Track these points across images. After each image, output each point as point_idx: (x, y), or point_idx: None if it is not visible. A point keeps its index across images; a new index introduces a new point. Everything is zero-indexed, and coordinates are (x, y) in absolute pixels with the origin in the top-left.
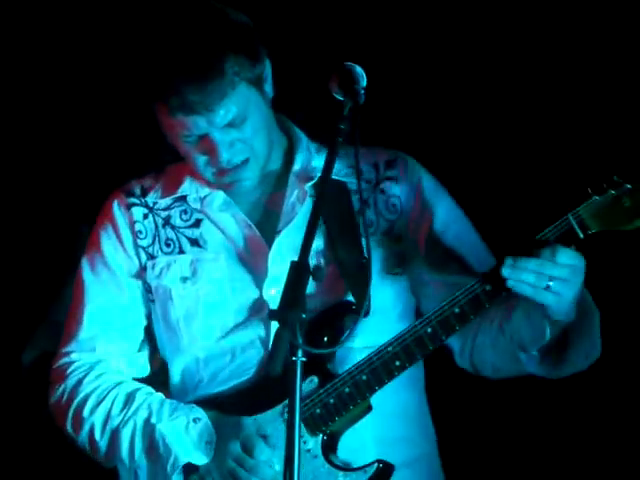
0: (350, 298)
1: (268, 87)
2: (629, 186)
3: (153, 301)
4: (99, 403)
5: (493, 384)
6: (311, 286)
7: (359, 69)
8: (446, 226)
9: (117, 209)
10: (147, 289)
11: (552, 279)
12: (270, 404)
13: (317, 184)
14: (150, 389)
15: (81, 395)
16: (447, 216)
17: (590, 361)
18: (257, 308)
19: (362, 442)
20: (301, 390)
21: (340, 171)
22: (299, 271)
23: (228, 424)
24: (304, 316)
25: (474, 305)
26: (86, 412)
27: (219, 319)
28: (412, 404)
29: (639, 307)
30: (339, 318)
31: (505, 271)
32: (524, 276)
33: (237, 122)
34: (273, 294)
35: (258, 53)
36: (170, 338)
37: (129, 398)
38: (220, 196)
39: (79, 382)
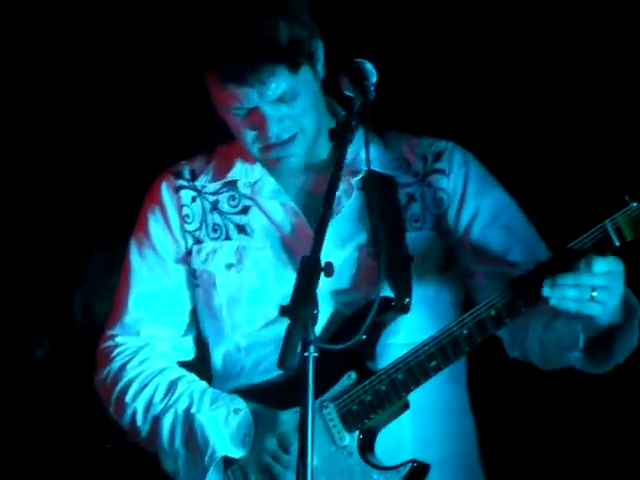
0: (390, 294)
1: (320, 66)
2: None
3: (197, 286)
4: (142, 389)
5: (540, 378)
6: (351, 280)
7: (369, 65)
8: (494, 217)
9: (166, 191)
10: (192, 273)
11: (594, 289)
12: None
13: (364, 177)
14: (194, 377)
15: (125, 380)
16: (495, 207)
17: (629, 354)
18: None
19: (399, 440)
20: (328, 383)
21: (388, 164)
22: (310, 267)
23: (267, 417)
24: (316, 312)
25: (510, 309)
26: (129, 398)
27: (262, 308)
28: (452, 401)
29: None
30: (377, 314)
31: (545, 291)
32: (566, 292)
33: (287, 97)
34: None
35: (312, 28)
36: (213, 324)
37: (171, 386)
38: (270, 182)
39: (123, 366)
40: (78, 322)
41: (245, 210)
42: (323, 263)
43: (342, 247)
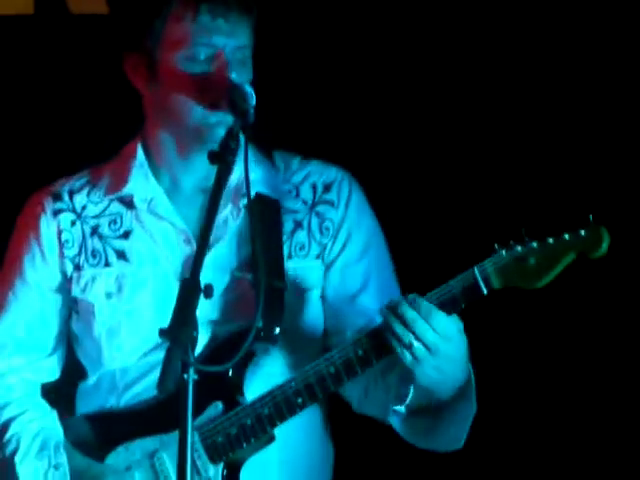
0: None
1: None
2: (535, 244)
3: (77, 312)
4: None
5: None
6: (230, 308)
7: (248, 88)
8: (359, 256)
9: (43, 216)
10: (72, 300)
11: (418, 339)
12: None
13: (251, 200)
14: (31, 416)
15: None
16: (362, 247)
17: (449, 449)
18: None
19: (265, 468)
20: (194, 411)
21: (276, 187)
22: (190, 289)
23: (86, 475)
24: (195, 334)
25: (377, 350)
26: None
27: (142, 337)
28: (316, 430)
29: None
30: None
31: (383, 310)
32: (394, 322)
33: (244, 56)
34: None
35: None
36: (91, 350)
37: (3, 428)
38: (164, 202)
39: None
40: None
41: (126, 234)
42: (203, 285)
43: (223, 273)
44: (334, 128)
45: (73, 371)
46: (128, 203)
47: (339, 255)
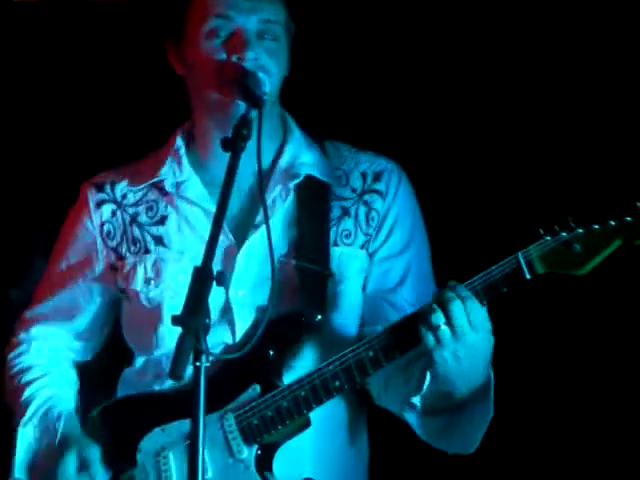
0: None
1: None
2: (581, 230)
3: (125, 300)
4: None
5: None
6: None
7: (261, 74)
8: (401, 250)
9: (86, 208)
10: (118, 289)
11: (448, 321)
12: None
13: (301, 182)
14: (47, 382)
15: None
16: (404, 241)
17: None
18: (224, 310)
19: (299, 456)
20: (231, 392)
21: (327, 172)
22: (202, 276)
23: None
24: (208, 321)
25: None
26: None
27: None
28: (352, 421)
29: None
30: (286, 329)
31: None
32: (433, 302)
33: (270, 33)
34: (241, 295)
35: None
36: (137, 335)
37: (20, 390)
38: (196, 185)
39: (7, 354)
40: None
41: (162, 220)
42: (246, 271)
43: (268, 256)
44: (374, 120)
45: (119, 358)
46: (161, 189)
47: (381, 247)
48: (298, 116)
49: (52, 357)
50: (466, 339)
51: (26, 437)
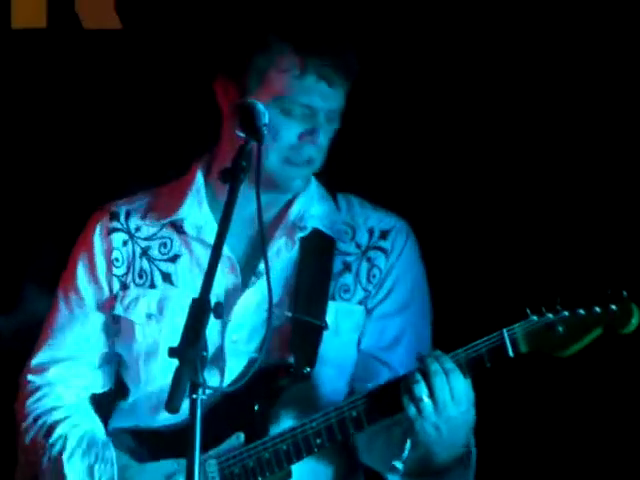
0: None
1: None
2: (566, 313)
3: (119, 332)
4: (31, 426)
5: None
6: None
7: (261, 106)
8: (400, 309)
9: (98, 235)
10: (114, 318)
11: (430, 395)
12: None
13: (307, 236)
14: (78, 419)
15: (24, 414)
16: (404, 301)
17: None
18: (216, 356)
19: None
20: (215, 439)
21: (333, 225)
22: (200, 308)
23: (131, 470)
24: (205, 354)
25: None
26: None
27: None
28: (339, 470)
29: None
30: (274, 379)
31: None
32: (416, 372)
33: (333, 119)
34: (235, 339)
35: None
36: (132, 370)
37: (50, 429)
38: (214, 229)
39: (23, 402)
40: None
41: (174, 258)
42: (244, 317)
43: (266, 305)
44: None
45: (113, 391)
46: (179, 228)
47: (380, 304)
48: None
49: (74, 398)
50: (448, 412)
51: (79, 469)
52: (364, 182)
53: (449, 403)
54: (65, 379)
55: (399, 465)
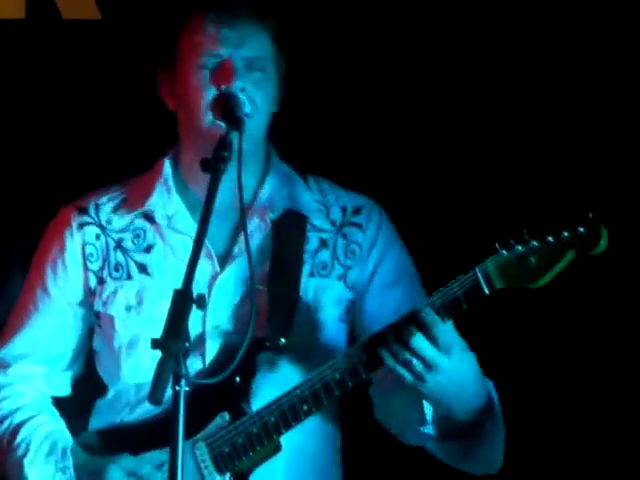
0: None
1: (282, 83)
2: (535, 243)
3: (100, 326)
4: None
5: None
6: (240, 319)
7: (242, 96)
8: (392, 281)
9: (68, 230)
10: (94, 314)
11: (415, 355)
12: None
13: (280, 216)
14: (42, 419)
15: None
16: (395, 272)
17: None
18: (197, 343)
19: (272, 478)
20: (201, 422)
21: (307, 204)
22: (182, 299)
23: (90, 468)
24: (187, 345)
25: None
26: None
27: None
28: (325, 442)
29: None
30: (252, 354)
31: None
32: (390, 339)
33: (257, 66)
34: (216, 325)
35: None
36: (111, 365)
37: (14, 431)
38: (186, 218)
39: None
40: None
41: (148, 249)
42: (223, 303)
43: (242, 285)
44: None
45: (90, 389)
46: (150, 218)
47: (371, 281)
48: (284, 149)
49: (35, 397)
50: (441, 367)
51: (40, 475)
52: (328, 166)
53: (438, 357)
54: (28, 378)
55: (429, 430)
